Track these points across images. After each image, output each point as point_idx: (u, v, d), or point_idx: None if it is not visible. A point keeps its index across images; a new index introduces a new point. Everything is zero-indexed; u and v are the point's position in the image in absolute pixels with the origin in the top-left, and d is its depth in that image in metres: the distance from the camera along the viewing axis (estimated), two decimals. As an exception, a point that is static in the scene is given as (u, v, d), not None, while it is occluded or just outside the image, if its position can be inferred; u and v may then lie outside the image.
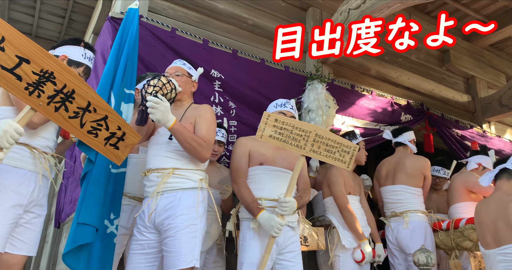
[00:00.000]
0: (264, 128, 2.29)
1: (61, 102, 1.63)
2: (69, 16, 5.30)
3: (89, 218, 2.06)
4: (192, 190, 2.11)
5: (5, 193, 1.88)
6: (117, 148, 1.86)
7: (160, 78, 2.04)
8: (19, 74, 1.53)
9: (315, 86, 3.63)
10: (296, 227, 2.48)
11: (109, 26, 3.00)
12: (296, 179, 2.33)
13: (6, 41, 1.47)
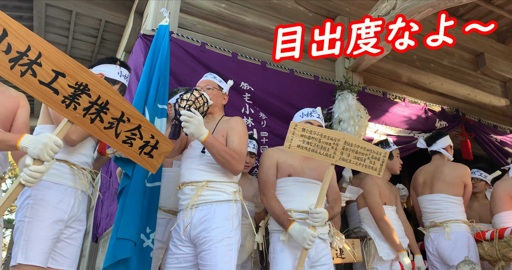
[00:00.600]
0: (292, 138, 2.26)
1: (96, 113, 1.67)
2: (101, 36, 5.49)
3: (128, 232, 2.09)
4: (227, 202, 2.11)
5: (47, 209, 1.93)
6: (151, 156, 1.88)
7: (192, 92, 2.07)
8: (56, 87, 1.57)
9: (345, 96, 3.58)
10: (327, 239, 2.43)
11: (141, 43, 3.07)
12: (326, 189, 2.29)
13: (43, 56, 1.53)
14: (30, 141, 1.59)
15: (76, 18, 5.11)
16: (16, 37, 1.48)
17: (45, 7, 4.85)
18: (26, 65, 1.51)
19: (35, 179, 1.57)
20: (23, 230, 1.88)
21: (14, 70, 1.49)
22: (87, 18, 5.13)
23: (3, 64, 1.47)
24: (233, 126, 2.22)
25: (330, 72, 4.01)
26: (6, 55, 1.46)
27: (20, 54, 1.49)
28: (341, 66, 4.02)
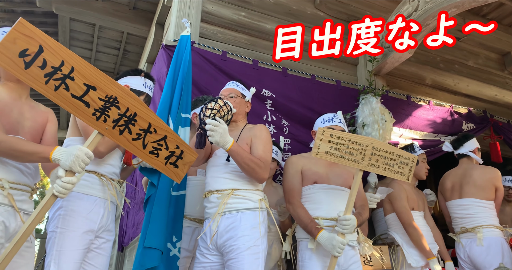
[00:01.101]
0: (320, 144, 2.24)
1: (125, 125, 1.70)
2: (124, 48, 5.61)
3: (155, 241, 2.10)
4: (253, 210, 2.10)
5: (78, 219, 1.96)
6: (176, 166, 1.90)
7: (217, 101, 2.08)
8: (87, 100, 1.62)
9: (369, 100, 3.53)
10: (356, 246, 2.39)
11: (164, 54, 3.11)
12: (355, 195, 2.25)
13: (75, 70, 1.57)
14: (62, 153, 1.63)
15: (99, 31, 5.24)
16: (51, 53, 1.53)
17: (69, 21, 5.00)
18: (60, 79, 1.55)
19: (67, 190, 1.61)
20: (55, 241, 1.91)
21: (49, 85, 1.53)
22: (110, 31, 5.25)
23: (38, 79, 1.51)
24: (257, 133, 2.22)
25: (352, 76, 3.98)
26: (42, 70, 1.51)
27: (55, 69, 1.54)
28: (363, 70, 3.98)
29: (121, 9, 4.84)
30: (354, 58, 4.03)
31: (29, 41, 1.48)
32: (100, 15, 4.74)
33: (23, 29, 1.46)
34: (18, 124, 1.82)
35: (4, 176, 1.72)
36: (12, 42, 1.45)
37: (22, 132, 1.83)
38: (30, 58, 1.49)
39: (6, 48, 1.44)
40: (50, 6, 4.54)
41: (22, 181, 1.79)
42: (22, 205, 1.79)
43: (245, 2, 3.74)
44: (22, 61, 1.48)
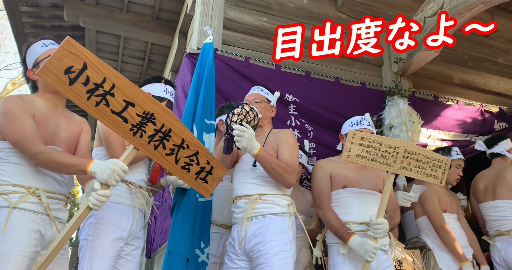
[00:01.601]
0: (351, 147, 2.22)
1: (159, 140, 1.74)
2: (148, 57, 5.72)
3: (179, 247, 2.11)
4: (281, 215, 2.09)
5: (107, 227, 2.00)
6: (206, 181, 1.93)
7: (243, 107, 2.09)
8: (125, 116, 1.66)
9: (396, 101, 3.47)
10: (388, 250, 2.34)
11: (188, 62, 3.16)
12: (387, 199, 2.21)
13: (116, 87, 1.62)
14: (99, 167, 1.66)
15: (124, 42, 5.37)
16: (94, 70, 1.57)
17: (95, 34, 5.14)
18: (101, 95, 1.60)
19: (102, 202, 1.64)
20: (87, 248, 1.96)
21: (90, 101, 1.58)
22: (134, 42, 5.37)
23: (81, 95, 1.56)
24: (283, 138, 2.21)
25: (377, 78, 3.92)
26: (85, 86, 1.56)
27: (97, 85, 1.59)
28: (388, 71, 3.92)
29: (145, 20, 4.94)
30: (378, 59, 4.00)
31: (75, 59, 1.53)
32: (125, 27, 4.86)
33: (69, 47, 1.51)
34: (54, 134, 1.87)
35: (41, 186, 1.77)
36: (59, 60, 1.50)
37: (58, 143, 1.87)
38: (75, 75, 1.54)
39: (53, 65, 1.49)
40: (77, 19, 4.69)
41: (58, 190, 1.84)
42: (58, 214, 1.84)
43: (267, 8, 3.75)
44: (67, 77, 1.53)
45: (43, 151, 1.68)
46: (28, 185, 1.74)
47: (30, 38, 5.22)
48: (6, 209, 1.66)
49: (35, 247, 1.70)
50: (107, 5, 4.75)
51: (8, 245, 1.62)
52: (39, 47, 1.93)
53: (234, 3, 3.64)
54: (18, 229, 1.65)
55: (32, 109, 1.79)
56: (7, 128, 1.71)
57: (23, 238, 1.66)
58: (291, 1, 3.87)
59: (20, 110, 1.74)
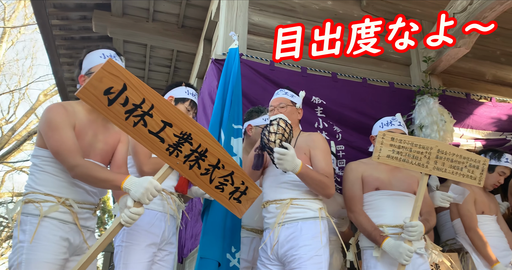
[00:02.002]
0: (381, 149, 2.18)
1: (195, 160, 1.73)
2: (174, 65, 5.81)
3: (210, 252, 2.12)
4: (313, 219, 2.08)
5: (140, 233, 2.03)
6: (239, 201, 1.90)
7: (279, 123, 2.04)
8: (163, 136, 1.65)
9: (426, 101, 3.39)
10: (424, 254, 2.27)
11: (214, 68, 3.18)
12: (421, 200, 2.16)
13: (155, 108, 1.62)
14: (133, 184, 1.66)
15: (150, 50, 5.47)
16: (134, 91, 1.57)
17: (123, 43, 5.27)
18: (139, 116, 1.60)
19: (134, 220, 1.65)
20: (121, 254, 2.00)
21: (128, 121, 1.59)
22: (160, 50, 5.47)
23: (119, 115, 1.57)
24: (316, 145, 2.20)
25: (405, 77, 3.85)
26: (123, 107, 1.57)
27: (135, 106, 1.59)
28: (417, 70, 3.84)
29: (170, 28, 5.03)
30: (406, 58, 3.92)
31: (115, 80, 1.54)
32: (151, 35, 4.96)
33: (110, 69, 1.52)
34: (90, 146, 1.89)
35: (72, 196, 1.81)
36: (99, 81, 1.51)
37: (93, 154, 1.89)
38: (114, 96, 1.54)
39: (93, 86, 1.50)
40: (105, 30, 4.81)
41: (87, 200, 1.88)
42: (86, 223, 1.87)
43: (290, 11, 3.74)
44: (106, 98, 1.53)
45: (81, 165, 1.70)
46: (59, 196, 1.78)
47: (61, 50, 5.40)
48: (37, 217, 1.71)
49: (64, 255, 1.75)
50: (133, 15, 4.87)
51: (39, 253, 1.66)
52: (97, 56, 1.95)
53: (258, 7, 3.66)
54: (48, 237, 1.70)
55: (73, 120, 1.82)
56: (49, 138, 1.75)
57: (53, 246, 1.70)
58: (315, 3, 3.85)
59: (62, 120, 1.77)
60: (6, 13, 12.06)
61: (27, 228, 1.70)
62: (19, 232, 1.70)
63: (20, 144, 11.46)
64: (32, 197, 1.75)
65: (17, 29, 12.66)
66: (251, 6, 3.59)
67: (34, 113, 12.04)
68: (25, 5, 12.36)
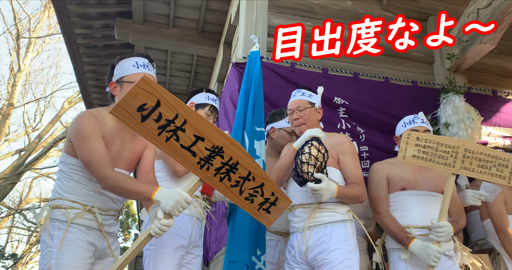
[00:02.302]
0: (406, 148, 2.15)
1: (225, 173, 1.73)
2: (195, 70, 5.87)
3: (239, 255, 2.12)
4: (342, 222, 2.06)
5: (169, 236, 2.06)
6: (268, 212, 1.90)
7: (310, 152, 1.99)
8: (194, 150, 1.66)
9: (451, 98, 3.32)
10: (453, 256, 2.22)
11: (234, 72, 3.20)
12: (449, 201, 2.11)
13: (188, 123, 1.62)
14: (163, 196, 1.67)
15: (171, 56, 5.55)
16: (167, 107, 1.57)
17: (144, 50, 5.35)
18: (172, 131, 1.61)
19: (164, 231, 1.67)
20: (151, 258, 2.03)
21: (161, 136, 1.60)
22: (181, 55, 5.54)
23: (152, 131, 1.58)
24: (344, 149, 2.18)
25: (428, 75, 3.79)
26: (156, 123, 1.57)
27: (168, 121, 1.59)
28: (441, 68, 3.77)
29: (191, 34, 5.09)
30: (429, 56, 3.86)
31: (149, 96, 1.53)
32: (171, 41, 5.03)
33: (144, 85, 1.52)
34: (117, 155, 1.91)
35: (97, 204, 1.84)
36: (133, 98, 1.51)
37: (119, 163, 1.92)
38: (147, 112, 1.54)
39: (127, 103, 1.51)
40: (127, 37, 4.91)
41: (111, 207, 1.91)
42: (109, 229, 1.91)
43: (310, 12, 3.73)
44: (140, 115, 1.54)
45: (111, 177, 1.71)
46: (85, 203, 1.81)
47: (84, 58, 5.53)
48: (64, 223, 1.75)
49: (90, 259, 1.79)
50: (154, 22, 4.95)
51: (67, 258, 1.71)
52: (130, 65, 1.93)
53: (277, 10, 3.66)
54: (76, 243, 1.74)
55: (103, 129, 1.83)
56: (80, 148, 1.77)
57: (80, 250, 1.74)
58: (334, 3, 3.83)
59: (92, 130, 1.78)
60: (31, 24, 12.45)
61: (55, 233, 1.74)
62: (48, 237, 1.75)
63: (47, 151, 11.77)
64: (59, 203, 1.79)
65: (41, 39, 13.05)
66: (270, 9, 3.60)
67: (59, 120, 12.36)
68: (49, 15, 12.73)
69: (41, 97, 13.96)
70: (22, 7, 12.26)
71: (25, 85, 13.67)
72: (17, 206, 14.61)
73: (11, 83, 11.79)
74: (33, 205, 14.30)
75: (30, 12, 12.99)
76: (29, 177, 14.40)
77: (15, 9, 11.49)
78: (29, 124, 13.49)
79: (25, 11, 12.26)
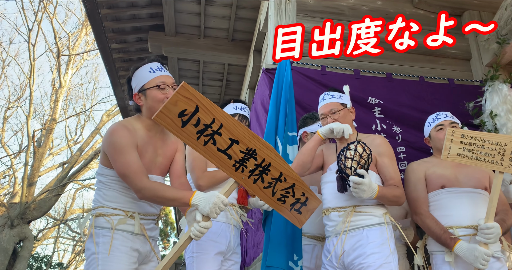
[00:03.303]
0: (451, 146, 2.08)
1: (259, 174, 1.78)
2: (226, 78, 5.94)
3: (276, 260, 2.13)
4: (379, 226, 2.02)
5: (209, 243, 2.10)
6: (299, 212, 1.92)
7: (356, 149, 2.01)
8: (230, 153, 1.71)
9: (498, 87, 3.14)
10: (502, 257, 2.11)
11: (265, 78, 3.21)
12: (496, 200, 2.02)
13: (224, 127, 1.69)
14: (201, 199, 1.72)
15: (203, 66, 5.65)
16: (205, 112, 1.64)
17: (177, 61, 5.48)
18: (209, 135, 1.67)
19: (202, 234, 1.71)
20: (193, 264, 2.08)
21: (199, 140, 1.66)
22: (213, 65, 5.64)
23: (191, 136, 1.64)
24: (382, 151, 2.15)
25: (465, 72, 3.67)
26: (195, 128, 1.63)
27: (206, 126, 1.65)
28: (478, 64, 3.64)
29: (221, 43, 5.17)
30: (466, 52, 3.73)
31: (188, 103, 1.60)
32: (203, 52, 5.13)
33: (184, 92, 1.59)
34: (151, 162, 1.96)
35: (137, 210, 1.89)
36: (174, 104, 1.58)
37: (154, 169, 1.96)
38: (187, 118, 1.61)
39: (169, 110, 1.58)
40: (161, 50, 5.05)
41: (150, 212, 1.95)
42: (151, 233, 1.95)
43: (339, 14, 3.71)
44: (180, 120, 1.60)
45: (148, 187, 1.76)
46: (127, 210, 1.86)
47: (121, 72, 5.72)
48: (108, 230, 1.80)
49: (135, 264, 1.83)
50: (186, 33, 5.06)
51: (113, 264, 1.75)
52: (146, 72, 1.95)
53: (306, 14, 3.66)
54: (120, 249, 1.78)
55: (135, 140, 1.88)
56: (115, 161, 1.82)
57: (125, 256, 1.78)
58: (364, 4, 3.79)
59: (126, 143, 1.83)
60: (70, 41, 13.04)
61: (100, 240, 1.79)
62: (93, 244, 1.80)
63: (88, 163, 12.20)
64: (102, 211, 1.84)
65: (80, 56, 13.63)
66: (299, 13, 3.61)
67: (99, 133, 12.80)
68: (86, 33, 13.30)
69: (81, 111, 14.56)
70: (62, 26, 12.86)
71: (66, 101, 14.33)
72: (62, 217, 15.22)
73: (53, 99, 12.35)
74: (77, 215, 14.85)
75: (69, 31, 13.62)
76: (72, 189, 15.00)
77: (55, 28, 12.08)
78: (71, 137, 14.09)
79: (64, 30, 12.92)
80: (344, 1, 3.77)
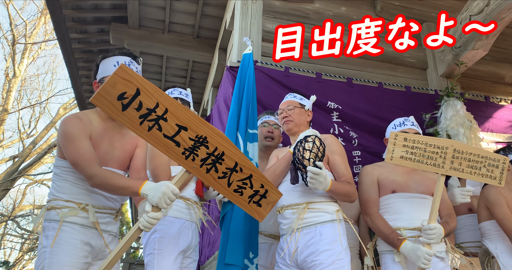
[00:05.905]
0: (394, 150, 2.14)
1: (212, 164, 1.73)
2: (190, 75, 5.88)
3: (235, 258, 2.12)
4: (331, 222, 2.04)
5: (171, 241, 2.05)
6: (259, 205, 1.89)
7: (314, 141, 2.04)
8: (178, 140, 1.65)
9: (453, 102, 3.34)
10: (445, 258, 2.20)
11: (229, 75, 3.21)
12: (438, 202, 2.10)
13: (169, 112, 1.62)
14: (150, 189, 1.67)
15: (167, 61, 5.56)
16: (147, 95, 1.58)
17: (139, 55, 5.36)
18: (154, 120, 1.60)
19: (152, 225, 1.66)
20: (154, 262, 2.00)
21: (143, 126, 1.60)
22: (176, 61, 5.55)
23: (134, 120, 1.58)
24: (333, 149, 2.19)
25: (422, 81, 3.82)
26: (137, 112, 1.58)
27: (149, 110, 1.59)
28: (434, 73, 3.80)
29: (186, 39, 5.11)
30: (422, 62, 3.89)
31: (128, 85, 1.54)
32: (167, 47, 5.04)
33: (123, 74, 1.53)
34: (107, 154, 1.91)
35: (91, 202, 1.84)
36: (112, 86, 1.52)
37: (111, 162, 1.92)
38: (128, 101, 1.55)
39: (107, 91, 1.51)
40: (122, 42, 4.92)
41: (107, 205, 1.90)
42: (107, 227, 1.90)
43: (304, 18, 3.76)
44: (120, 103, 1.54)
45: (98, 174, 1.72)
46: (79, 202, 1.82)
47: (80, 63, 5.53)
48: (58, 222, 1.75)
49: (86, 258, 1.77)
50: (149, 27, 4.96)
51: (60, 257, 1.70)
52: (111, 65, 1.93)
53: (272, 15, 3.69)
54: (69, 242, 1.73)
55: (88, 129, 1.84)
56: (66, 149, 1.78)
57: (74, 249, 1.73)
58: (328, 9, 3.86)
59: (77, 131, 1.79)
60: (28, 30, 12.46)
61: (49, 233, 1.74)
62: (43, 237, 1.74)
63: (41, 157, 11.70)
64: (54, 204, 1.80)
65: (37, 45, 13.05)
66: (265, 14, 3.63)
67: (54, 127, 12.31)
68: (45, 21, 12.75)
69: (36, 103, 13.93)
70: (19, 13, 12.22)
71: (20, 91, 13.65)
72: (10, 213, 14.47)
73: (6, 89, 11.76)
74: (29, 211, 14.17)
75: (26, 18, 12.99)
76: (23, 184, 14.31)
77: (11, 15, 11.51)
78: (23, 130, 13.44)
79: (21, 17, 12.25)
80: (309, 5, 3.83)
